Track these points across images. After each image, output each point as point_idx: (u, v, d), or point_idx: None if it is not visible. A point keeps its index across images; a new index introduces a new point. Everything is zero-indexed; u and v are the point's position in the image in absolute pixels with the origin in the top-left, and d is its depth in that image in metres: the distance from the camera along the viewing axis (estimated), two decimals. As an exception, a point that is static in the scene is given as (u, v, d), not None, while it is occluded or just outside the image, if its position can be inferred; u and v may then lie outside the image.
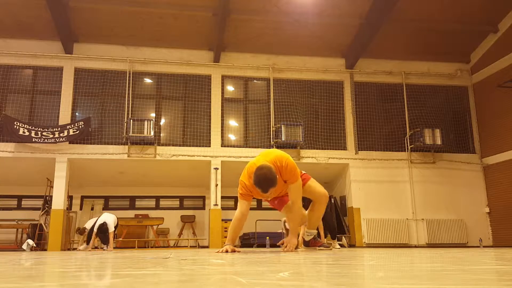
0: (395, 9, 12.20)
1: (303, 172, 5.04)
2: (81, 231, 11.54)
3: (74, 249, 12.48)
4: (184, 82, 13.36)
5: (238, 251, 4.77)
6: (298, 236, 5.34)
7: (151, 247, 13.48)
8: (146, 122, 12.24)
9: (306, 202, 10.47)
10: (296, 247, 4.86)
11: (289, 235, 4.75)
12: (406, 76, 14.20)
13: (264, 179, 4.32)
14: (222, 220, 12.46)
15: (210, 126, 13.05)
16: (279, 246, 5.43)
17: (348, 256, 3.37)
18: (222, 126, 13.15)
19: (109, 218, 10.92)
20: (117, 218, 11.48)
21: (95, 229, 10.83)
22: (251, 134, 13.28)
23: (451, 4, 12.47)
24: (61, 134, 11.94)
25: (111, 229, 10.83)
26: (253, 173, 4.40)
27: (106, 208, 14.27)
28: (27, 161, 12.22)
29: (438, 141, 13.24)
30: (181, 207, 14.96)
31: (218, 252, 4.58)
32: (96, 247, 11.44)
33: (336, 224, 13.19)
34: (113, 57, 13.01)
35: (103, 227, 10.71)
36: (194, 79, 13.39)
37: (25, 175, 13.14)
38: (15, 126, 11.74)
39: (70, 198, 13.47)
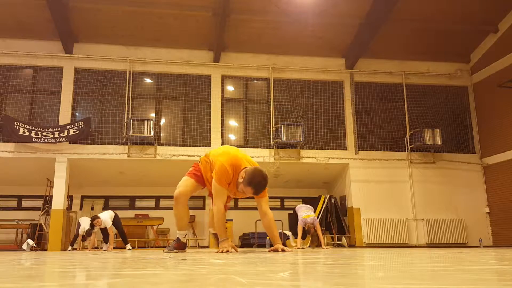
0: (395, 9, 12.20)
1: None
2: (88, 232, 11.37)
3: (74, 249, 12.47)
4: (184, 82, 13.36)
5: (237, 251, 4.77)
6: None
7: (151, 247, 13.48)
8: (146, 122, 12.24)
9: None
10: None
11: (276, 243, 4.77)
12: (406, 76, 14.20)
13: (264, 181, 4.44)
14: (222, 220, 12.44)
15: (210, 126, 13.05)
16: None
17: (348, 256, 3.37)
18: (222, 126, 13.15)
19: (103, 214, 10.89)
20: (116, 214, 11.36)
21: (87, 227, 10.83)
22: (251, 134, 13.28)
23: (451, 4, 12.47)
24: (61, 134, 11.94)
25: (108, 224, 10.75)
26: (251, 172, 4.44)
27: (106, 208, 14.27)
28: (27, 161, 12.22)
29: (438, 141, 13.24)
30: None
31: (218, 252, 4.58)
32: (96, 247, 11.43)
33: (336, 224, 13.21)
34: (113, 57, 13.01)
35: (95, 219, 10.65)
36: (194, 79, 13.39)
37: (25, 175, 13.14)
38: (15, 126, 11.74)
39: (70, 198, 13.47)
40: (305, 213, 10.27)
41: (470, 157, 13.92)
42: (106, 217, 10.80)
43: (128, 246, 11.15)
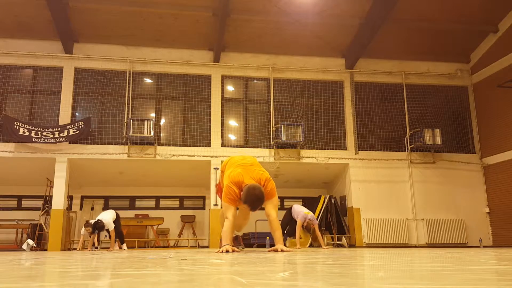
0: (395, 9, 12.20)
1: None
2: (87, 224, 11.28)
3: (74, 249, 12.47)
4: (184, 82, 13.36)
5: (238, 251, 4.77)
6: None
7: (151, 247, 13.48)
8: (146, 122, 12.24)
9: (292, 228, 10.49)
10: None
11: (277, 243, 4.96)
12: (406, 76, 14.20)
13: (257, 200, 4.80)
14: (222, 220, 12.44)
15: (210, 126, 13.05)
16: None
17: (348, 256, 3.37)
18: (222, 126, 13.15)
19: (105, 216, 10.85)
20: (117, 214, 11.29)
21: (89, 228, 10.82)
22: (251, 134, 13.28)
23: (451, 4, 12.47)
24: (61, 134, 11.94)
25: (112, 226, 10.73)
26: (245, 191, 4.83)
27: (106, 208, 14.26)
28: (27, 161, 12.22)
29: (438, 141, 13.24)
30: (181, 207, 14.96)
31: (218, 252, 4.58)
32: (96, 247, 11.43)
33: (336, 224, 13.21)
34: (113, 57, 13.01)
35: (98, 224, 10.64)
36: (194, 79, 13.39)
37: (25, 175, 13.14)
38: (15, 126, 11.74)
39: (70, 198, 13.47)
40: (306, 210, 10.32)
41: (470, 157, 13.92)
42: (109, 219, 10.76)
43: (124, 246, 11.16)
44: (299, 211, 10.31)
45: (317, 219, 12.56)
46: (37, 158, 12.11)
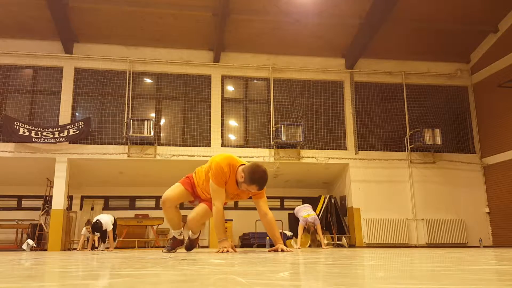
0: (395, 9, 12.20)
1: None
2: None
3: (74, 249, 12.47)
4: (184, 82, 13.36)
5: (235, 251, 4.76)
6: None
7: (151, 247, 13.48)
8: (146, 122, 12.25)
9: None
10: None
11: (277, 243, 4.77)
12: (406, 76, 14.19)
13: (266, 176, 4.47)
14: (222, 220, 12.44)
15: (210, 126, 13.05)
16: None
17: (348, 256, 3.37)
18: (222, 126, 13.15)
19: (104, 217, 10.95)
20: (116, 218, 11.46)
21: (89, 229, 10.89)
22: (251, 134, 13.28)
23: (451, 4, 12.48)
24: (61, 134, 11.94)
25: (110, 227, 10.84)
26: (249, 170, 4.44)
27: (106, 208, 14.27)
28: (27, 161, 12.22)
29: (438, 141, 13.24)
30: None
31: (218, 252, 4.58)
32: (96, 247, 11.44)
33: (336, 224, 13.21)
34: (113, 57, 13.01)
35: (97, 225, 10.72)
36: (194, 79, 13.39)
37: (25, 175, 13.14)
38: (15, 126, 11.74)
39: (70, 198, 13.46)
40: (306, 212, 10.32)
41: (470, 157, 13.92)
42: (107, 220, 10.86)
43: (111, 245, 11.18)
44: (300, 214, 10.36)
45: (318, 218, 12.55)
46: (37, 158, 12.11)
